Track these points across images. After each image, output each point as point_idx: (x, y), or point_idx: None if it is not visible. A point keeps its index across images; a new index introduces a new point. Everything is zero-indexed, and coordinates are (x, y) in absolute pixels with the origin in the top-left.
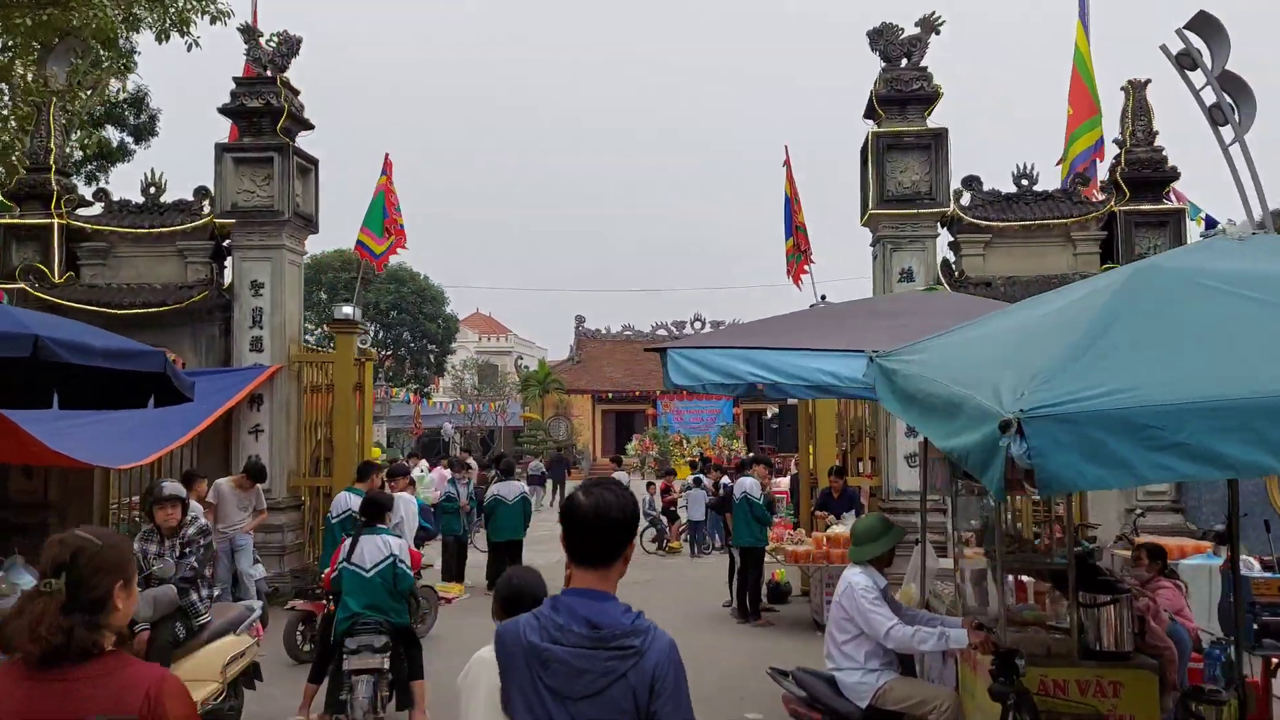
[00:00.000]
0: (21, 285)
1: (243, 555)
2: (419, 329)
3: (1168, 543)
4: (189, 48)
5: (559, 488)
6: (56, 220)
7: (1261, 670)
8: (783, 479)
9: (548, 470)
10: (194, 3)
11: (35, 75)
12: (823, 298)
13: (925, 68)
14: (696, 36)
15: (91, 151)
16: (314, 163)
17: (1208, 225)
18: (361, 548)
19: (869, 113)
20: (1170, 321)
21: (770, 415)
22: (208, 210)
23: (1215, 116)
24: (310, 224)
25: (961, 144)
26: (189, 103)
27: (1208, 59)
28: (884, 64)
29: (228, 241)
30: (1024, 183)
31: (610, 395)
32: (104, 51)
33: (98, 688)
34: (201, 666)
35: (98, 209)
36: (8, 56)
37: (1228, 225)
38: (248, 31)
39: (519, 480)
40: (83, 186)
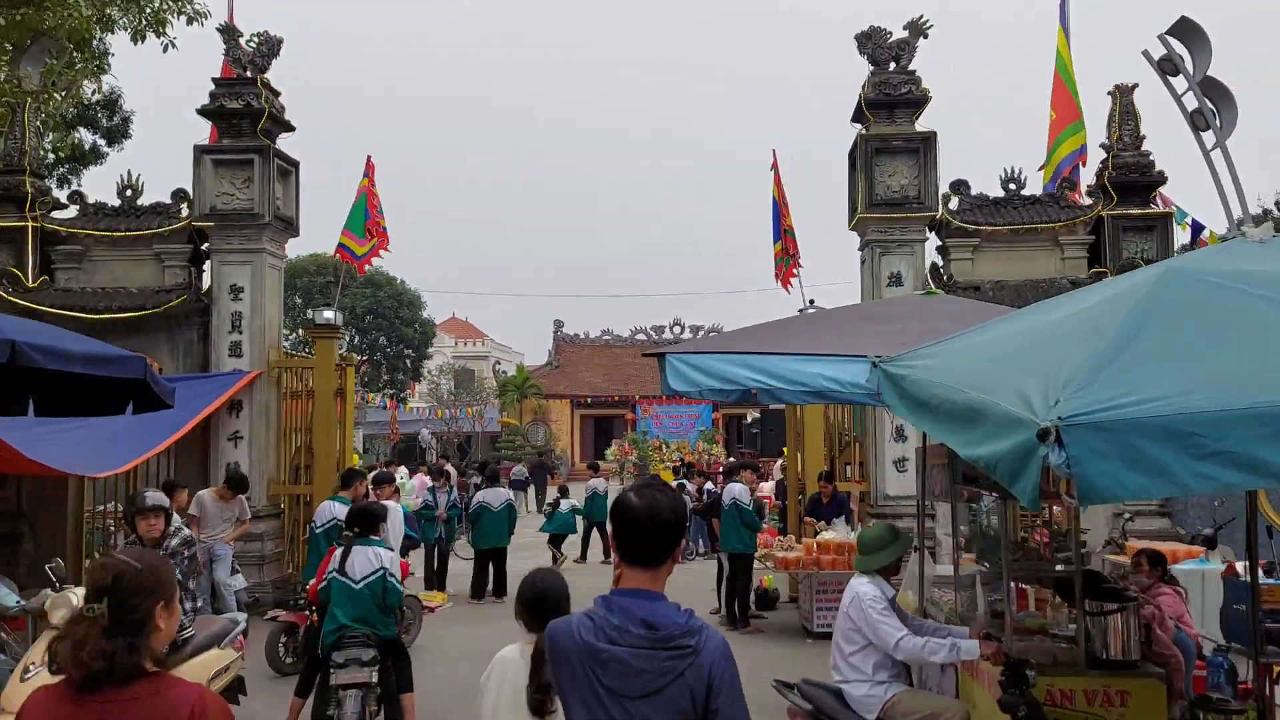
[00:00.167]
0: None
1: (220, 565)
2: (395, 334)
3: (1159, 548)
4: (165, 49)
5: (540, 493)
6: (31, 223)
7: (1262, 677)
8: (765, 484)
9: (530, 476)
10: (170, 3)
11: (8, 76)
12: (811, 302)
13: (914, 71)
14: (689, 35)
15: (64, 154)
16: (295, 165)
17: (1194, 230)
18: (352, 559)
19: (857, 116)
20: (1201, 326)
21: (750, 419)
22: (186, 213)
23: (1197, 122)
24: (291, 227)
25: (951, 144)
26: (163, 105)
27: (1189, 64)
28: (872, 67)
29: (206, 245)
30: (1012, 187)
31: (589, 400)
32: (78, 53)
33: (142, 709)
34: None
35: (73, 212)
36: None
37: (1247, 228)
38: (227, 31)
39: (504, 487)
40: (54, 189)
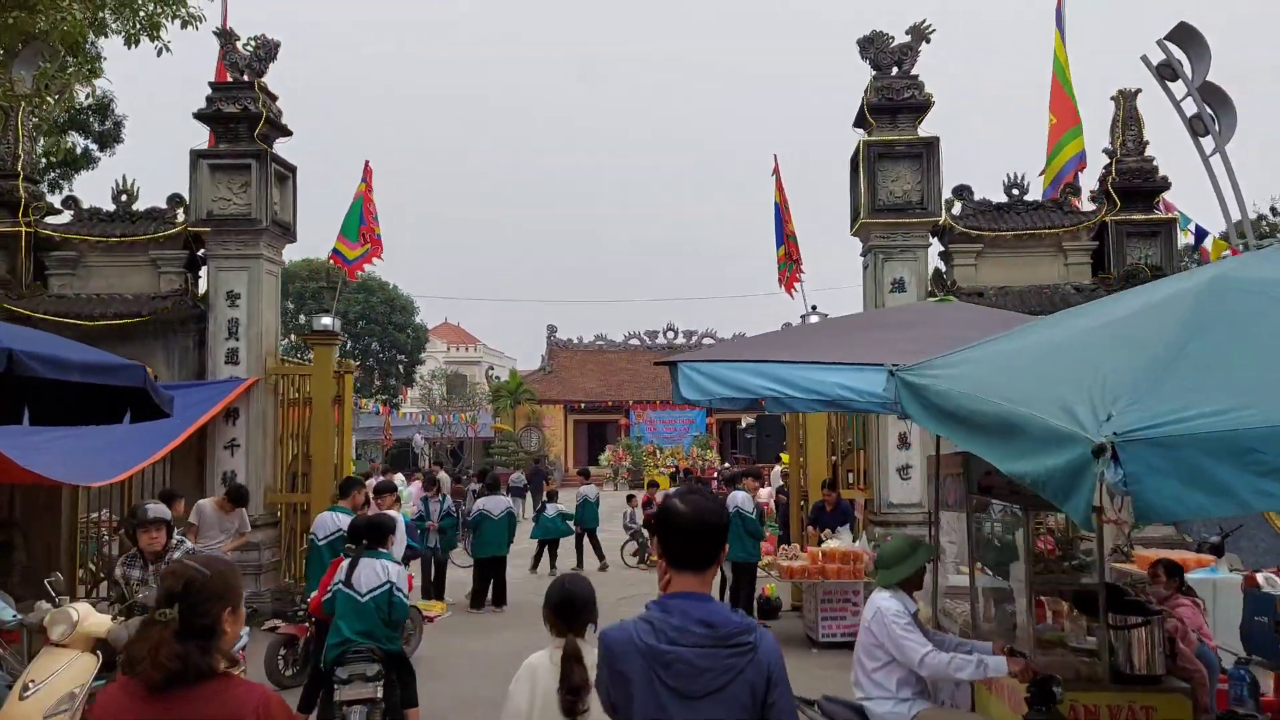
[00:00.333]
0: None
1: None
2: (388, 339)
3: (1175, 556)
4: (159, 52)
5: (538, 500)
6: (24, 228)
7: (1276, 687)
8: (763, 490)
9: (528, 482)
10: (164, 7)
11: (0, 79)
12: (813, 308)
13: (916, 76)
14: (689, 34)
15: (55, 159)
16: (292, 170)
17: (1197, 235)
18: (359, 571)
19: (859, 121)
20: (1251, 336)
21: (745, 425)
22: (182, 218)
23: (1196, 127)
24: (288, 232)
25: (950, 144)
26: (155, 110)
27: (1188, 70)
28: (874, 72)
29: (203, 251)
30: (1015, 192)
31: (583, 405)
32: (70, 57)
33: (211, 707)
34: None
35: (67, 217)
36: None
37: None
38: (224, 35)
39: (504, 495)
40: (46, 194)
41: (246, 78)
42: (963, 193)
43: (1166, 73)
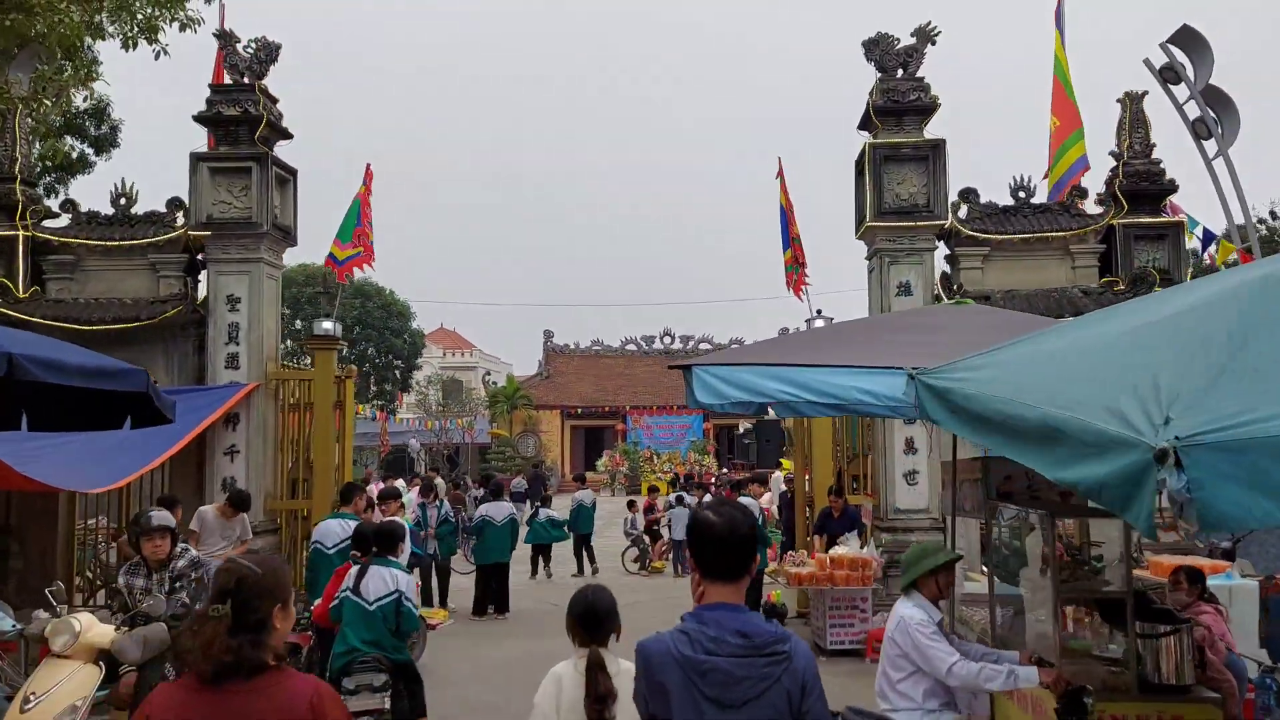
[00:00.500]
0: None
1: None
2: (384, 344)
3: (1187, 562)
4: (156, 56)
5: (535, 506)
6: (21, 232)
7: None
8: (764, 496)
9: (529, 488)
10: (163, 10)
11: None
12: (818, 312)
13: (922, 78)
14: (687, 38)
15: (51, 163)
16: (293, 173)
17: (1205, 239)
18: (368, 579)
19: (864, 123)
20: None
21: (743, 430)
22: (181, 222)
23: (1199, 130)
24: (289, 236)
25: (954, 147)
26: (152, 114)
27: (1190, 73)
28: (880, 74)
29: (202, 255)
30: (1021, 195)
31: (579, 411)
32: (66, 62)
33: (266, 699)
34: None
35: (64, 220)
36: None
37: None
38: (224, 37)
39: (507, 501)
40: (42, 198)
41: (247, 80)
42: (969, 196)
43: (1169, 76)
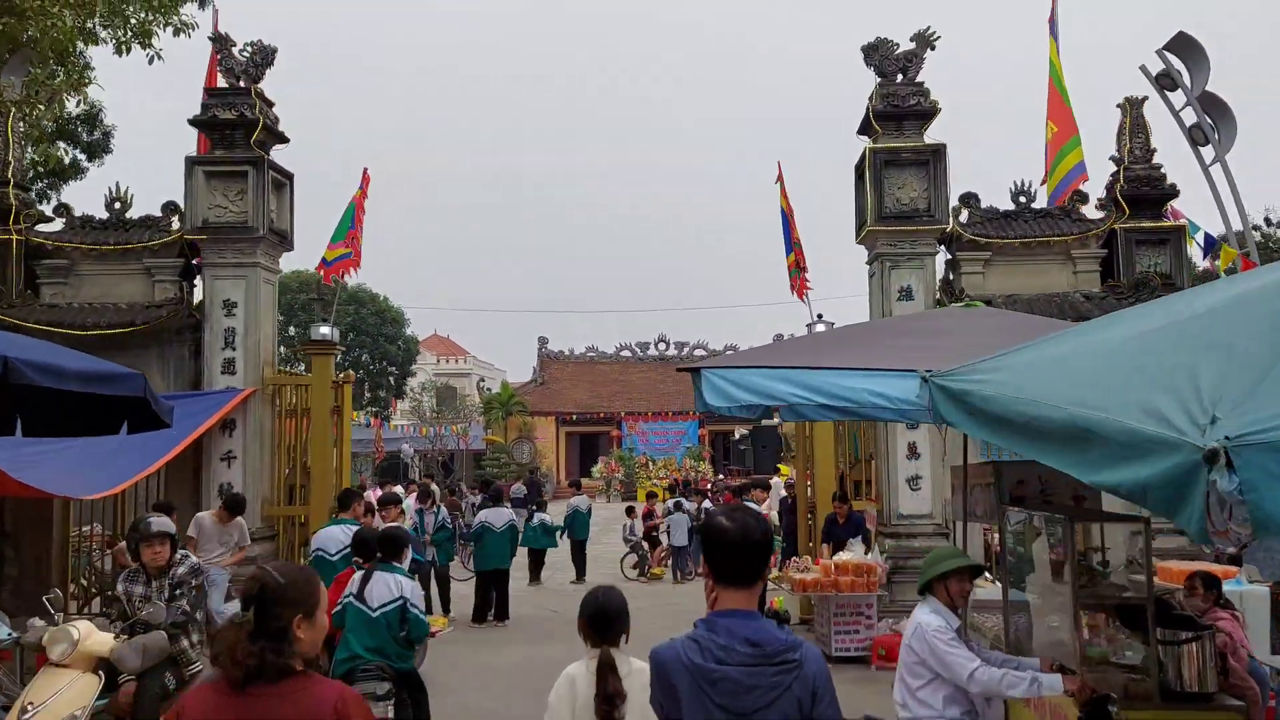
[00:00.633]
0: None
1: (216, 592)
2: (379, 350)
3: (1194, 567)
4: (150, 60)
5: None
6: (15, 236)
7: None
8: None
9: (527, 494)
10: (156, 14)
11: None
12: (819, 316)
13: (922, 83)
14: (682, 42)
15: (43, 168)
16: (289, 177)
17: (1206, 243)
18: (372, 585)
19: (864, 128)
20: None
21: (739, 436)
22: (177, 226)
23: (1195, 136)
24: (285, 240)
25: (954, 147)
26: (144, 120)
27: (1187, 79)
28: (879, 79)
29: (198, 259)
30: (1022, 200)
31: (574, 417)
32: (59, 66)
33: (291, 704)
34: None
35: (58, 225)
36: None
37: None
38: (220, 40)
39: (507, 507)
40: (36, 203)
41: (243, 83)
42: (970, 200)
43: (1166, 82)
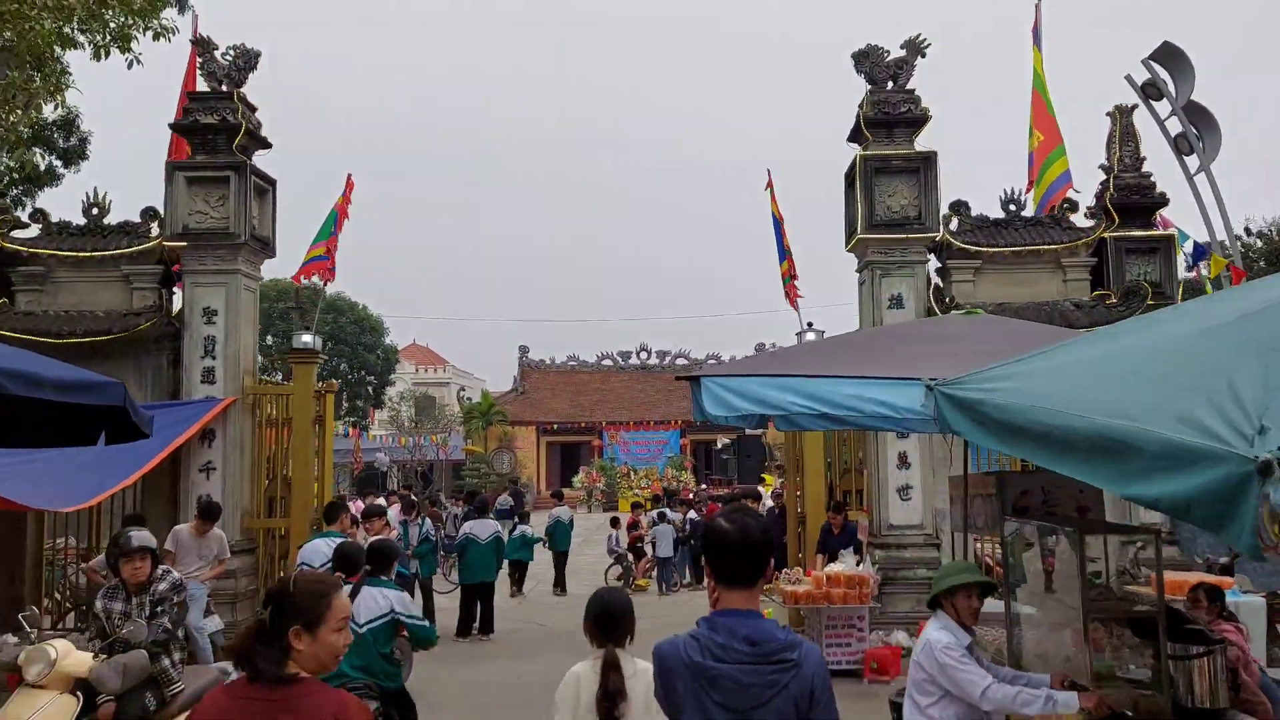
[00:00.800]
0: None
1: (195, 606)
2: (357, 360)
3: (1188, 578)
4: (130, 65)
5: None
6: None
7: None
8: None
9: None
10: (137, 19)
11: None
12: (809, 324)
13: (913, 90)
14: (667, 53)
15: (19, 174)
16: (272, 183)
17: (1196, 252)
18: (359, 600)
19: (854, 135)
20: None
21: (721, 446)
22: (156, 232)
23: (1181, 146)
24: (267, 247)
25: (944, 155)
26: (123, 127)
27: (1172, 89)
28: (870, 87)
29: (178, 266)
30: (1012, 208)
31: (555, 427)
32: (35, 72)
33: (291, 709)
34: None
35: (34, 231)
36: None
37: None
38: (202, 44)
39: (492, 519)
40: (11, 208)
41: (225, 88)
42: (960, 208)
43: (1151, 92)
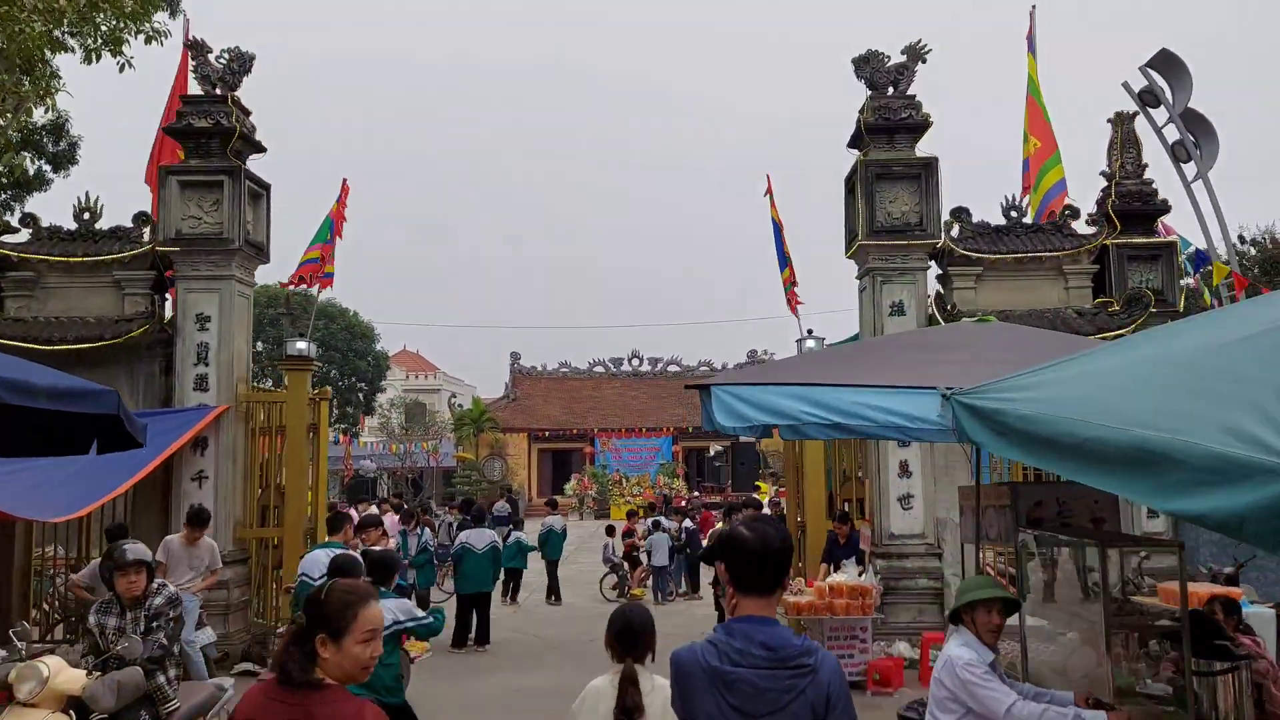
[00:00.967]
0: None
1: (187, 619)
2: (348, 366)
3: (1196, 589)
4: (121, 69)
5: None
6: None
7: None
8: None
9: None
10: (128, 22)
11: None
12: (809, 331)
13: (914, 96)
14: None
15: (7, 179)
16: (266, 188)
17: (1198, 259)
18: None
19: (854, 141)
20: None
21: (714, 453)
22: (149, 237)
23: (1178, 154)
24: (261, 253)
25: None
26: (113, 131)
27: (1169, 96)
28: (870, 92)
29: (170, 272)
30: (1013, 215)
31: (547, 434)
32: (25, 76)
33: (310, 715)
34: None
35: (24, 236)
36: None
37: None
38: (196, 47)
39: (488, 528)
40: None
41: (219, 91)
42: (961, 215)
43: (1149, 99)
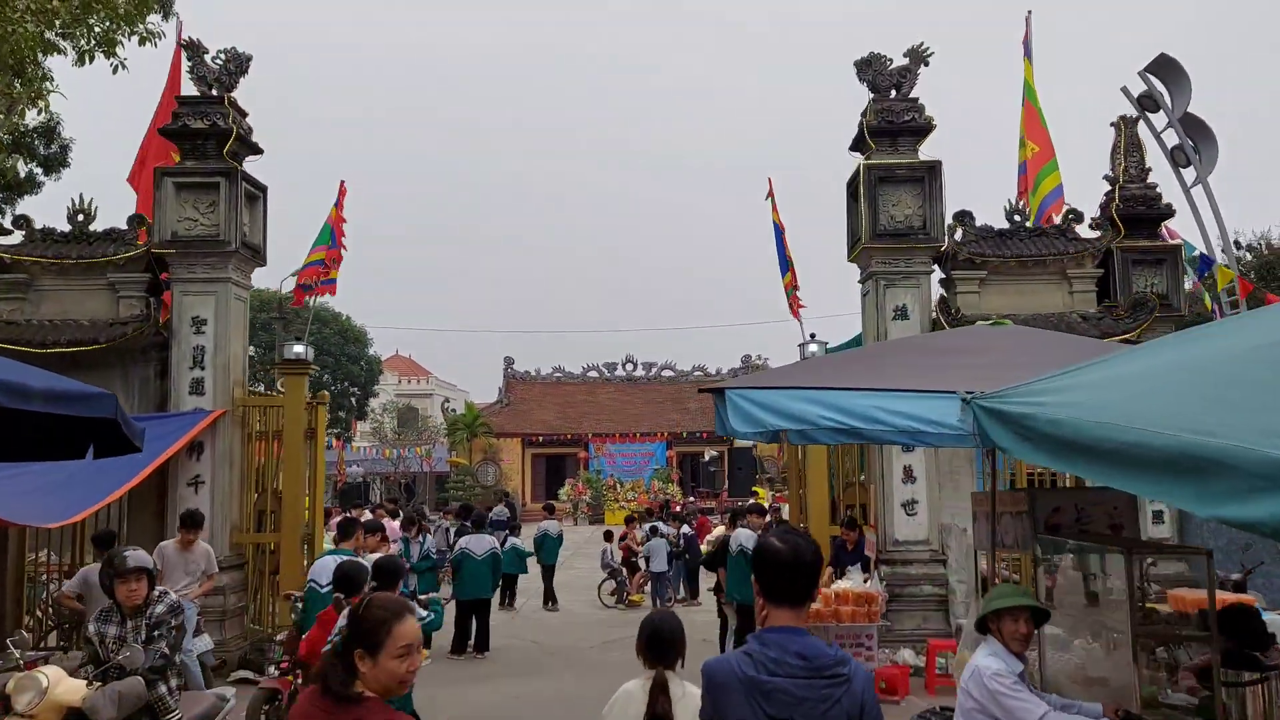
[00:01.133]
0: None
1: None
2: (341, 371)
3: (1200, 595)
4: (114, 70)
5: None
6: None
7: None
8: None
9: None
10: (122, 24)
11: None
12: (812, 335)
13: (916, 99)
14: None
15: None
16: (263, 190)
17: (1202, 264)
18: None
19: (857, 144)
20: None
21: (708, 458)
22: (144, 240)
23: (1177, 158)
24: (258, 255)
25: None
26: (104, 134)
27: (1168, 101)
28: (873, 95)
29: (166, 274)
30: (1017, 219)
31: (541, 439)
32: (16, 78)
33: None
34: None
35: (17, 238)
36: None
37: None
38: (191, 48)
39: (488, 534)
40: None
41: (215, 92)
42: (964, 218)
43: (1148, 104)
